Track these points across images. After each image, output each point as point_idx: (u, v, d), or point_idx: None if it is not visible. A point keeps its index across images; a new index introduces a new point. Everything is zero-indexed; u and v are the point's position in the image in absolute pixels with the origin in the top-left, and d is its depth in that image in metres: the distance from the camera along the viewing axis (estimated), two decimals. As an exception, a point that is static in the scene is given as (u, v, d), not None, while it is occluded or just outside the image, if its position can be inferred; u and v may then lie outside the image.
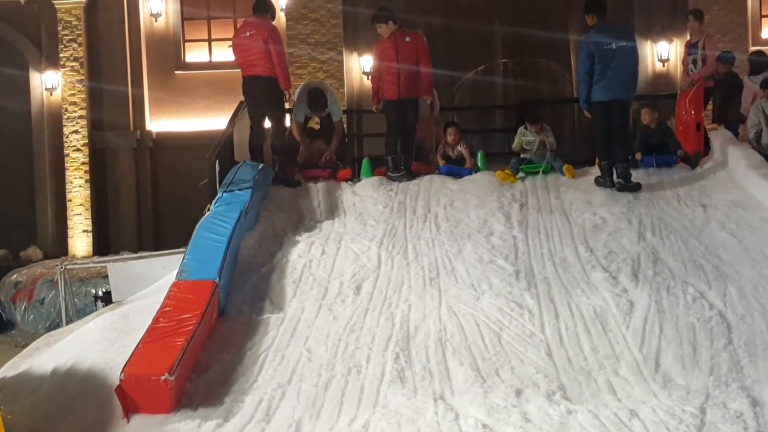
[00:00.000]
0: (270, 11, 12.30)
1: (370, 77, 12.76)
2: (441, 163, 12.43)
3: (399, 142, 12.17)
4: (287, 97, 12.22)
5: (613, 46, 11.15)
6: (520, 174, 11.88)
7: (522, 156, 12.06)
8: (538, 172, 11.88)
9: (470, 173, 12.17)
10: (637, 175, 11.39)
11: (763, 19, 20.39)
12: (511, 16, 20.50)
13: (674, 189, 11.25)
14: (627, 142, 11.60)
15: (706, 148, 12.41)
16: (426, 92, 12.39)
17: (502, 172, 11.87)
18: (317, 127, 13.31)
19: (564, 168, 11.84)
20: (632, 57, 11.36)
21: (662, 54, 20.07)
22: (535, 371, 7.35)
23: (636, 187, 11.13)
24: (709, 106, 13.48)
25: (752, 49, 17.11)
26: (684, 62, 13.33)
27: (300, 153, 12.65)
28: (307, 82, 14.14)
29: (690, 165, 11.96)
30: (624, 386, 7.08)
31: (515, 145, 12.22)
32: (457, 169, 12.26)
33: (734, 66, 13.45)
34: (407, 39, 12.18)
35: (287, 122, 12.78)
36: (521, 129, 12.28)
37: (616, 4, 19.11)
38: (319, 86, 13.14)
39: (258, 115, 12.19)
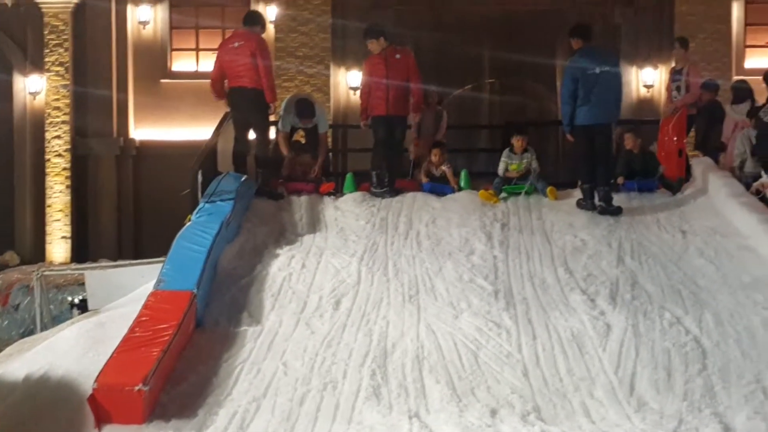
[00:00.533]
0: (260, 23, 12.33)
1: (360, 93, 12.73)
2: (424, 180, 12.45)
3: (384, 159, 12.20)
4: (272, 109, 12.22)
5: (597, 70, 11.21)
6: (503, 194, 11.91)
7: (506, 176, 12.07)
8: (520, 193, 11.90)
9: (453, 192, 12.21)
10: (618, 199, 11.45)
11: (746, 50, 20.58)
12: (499, 37, 20.62)
13: (655, 214, 11.30)
14: (609, 165, 11.66)
15: (688, 174, 12.48)
16: (415, 109, 12.47)
17: (485, 191, 11.89)
18: (303, 140, 13.34)
19: (547, 190, 11.86)
20: (615, 82, 11.43)
21: (647, 80, 20.22)
22: (510, 391, 7.35)
23: (617, 211, 11.18)
24: (692, 133, 13.54)
25: (735, 78, 17.24)
26: (668, 89, 13.41)
27: (284, 164, 12.64)
28: (294, 94, 14.18)
29: (671, 191, 12.01)
30: (599, 409, 7.09)
31: (500, 170, 12.20)
32: (440, 187, 12.28)
33: (717, 95, 13.53)
34: (397, 56, 12.23)
35: (272, 135, 12.79)
36: (506, 152, 12.24)
37: (603, 29, 19.32)
38: (308, 97, 13.29)
39: (242, 126, 12.19)
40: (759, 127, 11.85)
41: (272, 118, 12.65)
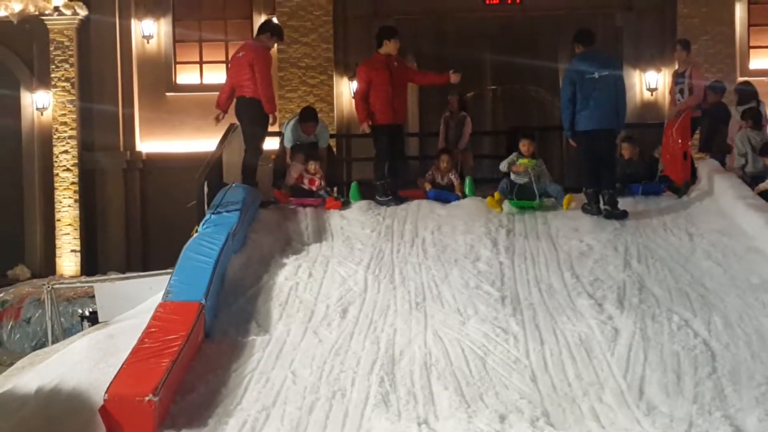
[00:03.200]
0: (267, 31, 12.41)
1: (355, 98, 12.64)
2: (428, 188, 12.45)
3: (388, 168, 12.21)
4: (272, 120, 12.22)
5: (596, 75, 11.21)
6: (513, 209, 11.69)
7: (512, 179, 11.85)
8: (530, 208, 11.63)
9: (458, 199, 12.21)
10: (624, 203, 11.46)
11: (751, 50, 20.56)
12: (500, 43, 20.62)
13: (661, 217, 11.31)
14: (613, 170, 11.65)
15: (693, 177, 12.48)
16: (437, 80, 12.69)
17: (492, 198, 11.83)
18: None
19: (565, 199, 11.70)
20: (617, 86, 11.41)
21: (650, 83, 20.20)
22: (519, 397, 7.36)
23: (623, 215, 11.18)
24: (696, 136, 13.54)
25: (740, 79, 17.24)
26: (671, 92, 13.42)
27: (288, 172, 12.63)
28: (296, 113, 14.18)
29: (678, 195, 11.99)
30: (608, 413, 7.09)
31: (503, 165, 11.97)
32: (444, 194, 12.29)
33: (723, 96, 13.54)
34: (395, 63, 12.24)
35: (271, 146, 12.75)
36: (514, 154, 12.03)
37: (605, 33, 19.29)
38: (311, 108, 13.33)
39: (247, 137, 12.29)
40: None
41: (277, 128, 12.70)
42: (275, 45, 13.25)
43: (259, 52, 12.14)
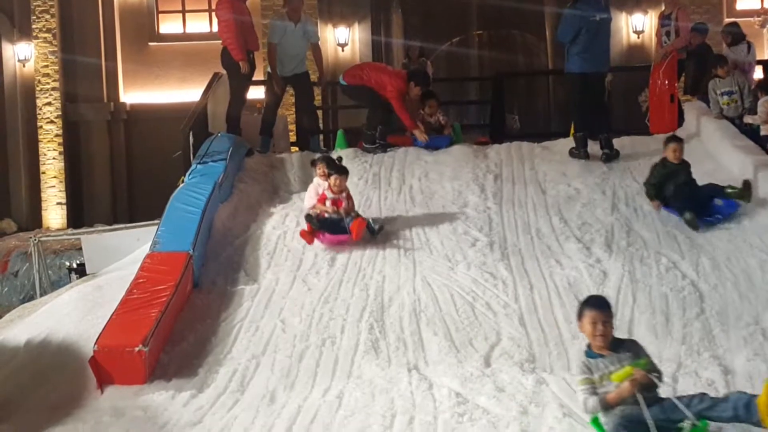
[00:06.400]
0: None
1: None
2: (422, 128, 12.14)
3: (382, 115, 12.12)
4: (243, 68, 12.03)
5: (597, 18, 11.20)
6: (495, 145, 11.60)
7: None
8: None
9: (448, 141, 12.11)
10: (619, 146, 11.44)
11: (738, -9, 20.46)
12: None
13: (648, 160, 11.24)
14: (607, 113, 11.68)
15: (681, 119, 12.45)
16: None
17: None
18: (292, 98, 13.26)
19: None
20: (609, 30, 11.45)
21: (637, 26, 20.10)
22: (508, 341, 7.38)
23: (617, 155, 11.22)
24: (683, 78, 13.49)
25: (727, 20, 17.15)
26: (658, 34, 13.33)
27: (308, 197, 10.06)
28: None
29: (744, 199, 9.44)
30: (597, 355, 7.10)
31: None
32: (435, 140, 12.08)
33: (707, 38, 13.46)
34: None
35: (245, 94, 12.52)
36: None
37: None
38: None
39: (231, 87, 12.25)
40: None
41: (260, 77, 12.59)
42: None
43: (220, 0, 12.15)
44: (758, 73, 13.51)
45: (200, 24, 20.82)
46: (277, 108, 12.81)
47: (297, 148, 13.09)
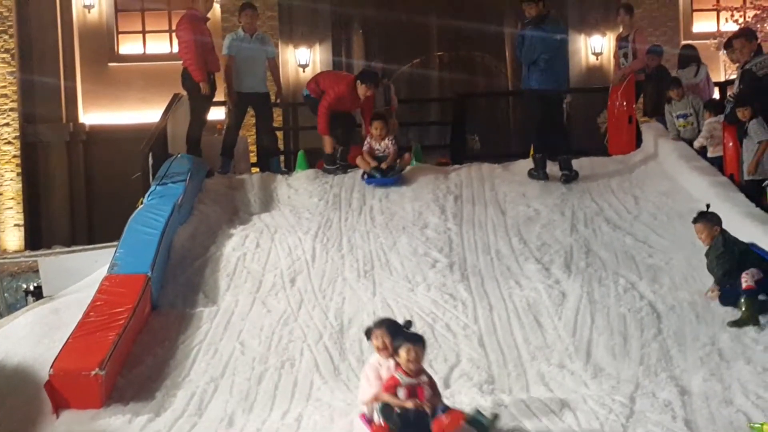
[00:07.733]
0: None
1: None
2: (370, 160, 11.70)
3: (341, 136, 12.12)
4: (204, 89, 11.97)
5: (557, 37, 11.31)
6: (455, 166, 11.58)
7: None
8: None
9: (396, 181, 11.45)
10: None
11: (694, 14, 20.73)
12: (446, 8, 20.60)
13: (607, 180, 11.39)
14: (566, 134, 11.79)
15: (638, 140, 12.57)
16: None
17: None
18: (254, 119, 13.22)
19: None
20: (567, 49, 11.60)
21: (595, 47, 20.30)
22: (467, 362, 7.38)
23: (577, 176, 11.30)
24: (641, 100, 13.62)
25: (684, 42, 17.36)
26: (616, 56, 13.48)
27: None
28: None
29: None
30: (555, 376, 7.13)
31: None
32: (381, 181, 11.47)
33: (664, 60, 13.61)
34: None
35: (205, 115, 12.42)
36: None
37: (550, -3, 19.30)
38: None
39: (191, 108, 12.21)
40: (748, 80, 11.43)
41: (223, 98, 12.55)
42: (211, 8, 12.92)
43: (180, 22, 12.12)
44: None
45: (160, 45, 20.77)
46: (239, 129, 12.78)
47: (257, 169, 13.04)
